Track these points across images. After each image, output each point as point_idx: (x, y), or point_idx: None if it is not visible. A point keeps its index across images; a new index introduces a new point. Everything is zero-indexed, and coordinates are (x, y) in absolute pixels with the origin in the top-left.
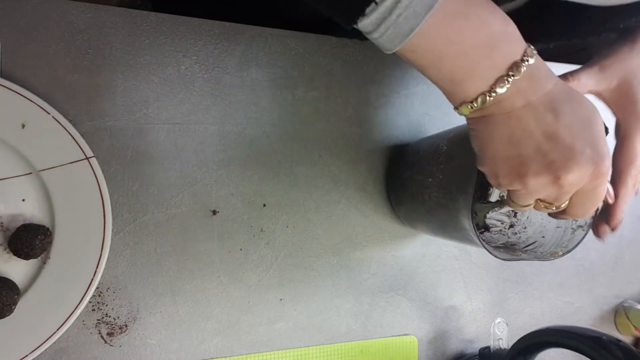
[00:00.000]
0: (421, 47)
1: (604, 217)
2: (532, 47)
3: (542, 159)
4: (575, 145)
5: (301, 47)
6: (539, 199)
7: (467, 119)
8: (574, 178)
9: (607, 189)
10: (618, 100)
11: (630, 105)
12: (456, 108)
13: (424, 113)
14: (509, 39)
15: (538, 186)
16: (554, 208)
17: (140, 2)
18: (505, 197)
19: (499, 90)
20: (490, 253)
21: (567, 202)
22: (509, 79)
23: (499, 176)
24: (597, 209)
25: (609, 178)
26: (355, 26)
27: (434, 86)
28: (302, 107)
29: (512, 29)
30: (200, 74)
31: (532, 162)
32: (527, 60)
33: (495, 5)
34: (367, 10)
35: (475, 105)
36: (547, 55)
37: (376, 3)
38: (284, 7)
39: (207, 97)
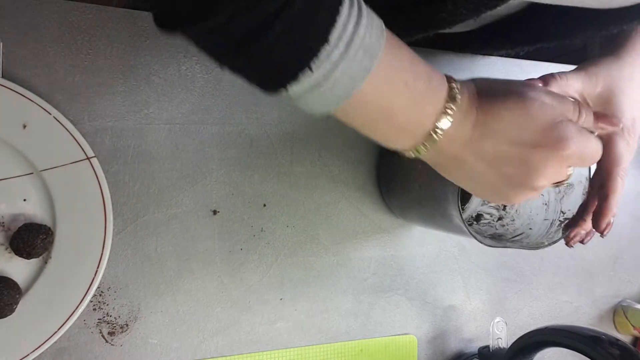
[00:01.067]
0: (353, 112)
1: (595, 219)
2: (455, 85)
3: (509, 183)
4: (524, 154)
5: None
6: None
7: (430, 161)
8: (548, 176)
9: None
10: (601, 106)
11: (612, 112)
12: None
13: None
14: (432, 94)
15: (522, 199)
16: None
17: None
18: None
19: (431, 144)
20: (475, 238)
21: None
22: (438, 132)
23: (488, 200)
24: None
25: (592, 132)
26: (284, 92)
27: None
28: None
29: (435, 83)
30: (200, 74)
31: (503, 189)
32: (451, 109)
33: (419, 60)
34: (301, 76)
35: (416, 154)
36: (547, 55)
37: (311, 70)
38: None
39: (207, 97)
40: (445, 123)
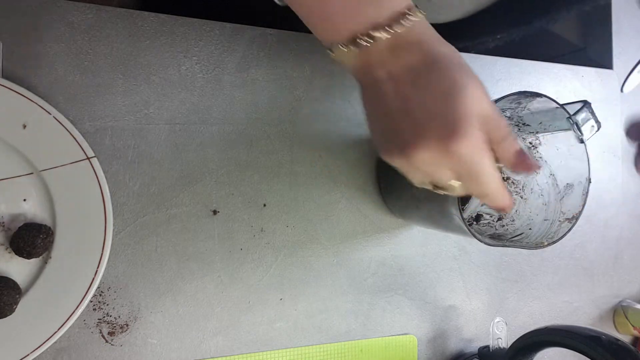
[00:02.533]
0: None
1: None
2: (415, 13)
3: (397, 135)
4: (423, 121)
5: (301, 47)
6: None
7: (356, 77)
8: (423, 155)
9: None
10: None
11: None
12: (331, 51)
13: None
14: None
15: (397, 164)
16: (442, 189)
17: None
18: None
19: (376, 34)
20: (475, 236)
21: (456, 183)
22: (389, 28)
23: (380, 151)
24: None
25: (482, 156)
26: None
27: None
28: (302, 107)
29: None
30: (200, 74)
31: (393, 138)
32: (410, 17)
33: None
34: None
35: (338, 56)
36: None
37: None
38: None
39: (207, 97)
40: (401, 24)
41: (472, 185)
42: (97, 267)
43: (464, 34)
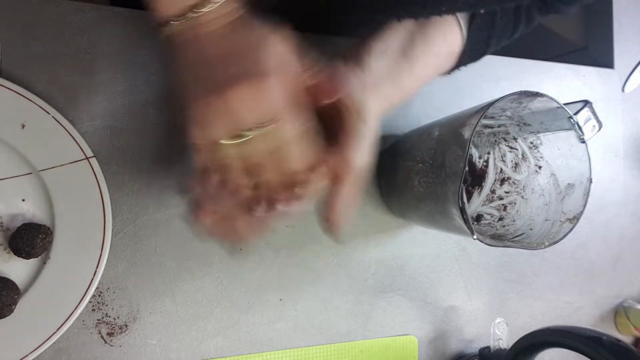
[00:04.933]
0: None
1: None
2: None
3: (214, 82)
4: (238, 66)
5: (300, 47)
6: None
7: (177, 46)
8: (239, 93)
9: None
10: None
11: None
12: (160, 27)
13: (424, 113)
14: None
15: (211, 109)
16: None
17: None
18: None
19: (203, 9)
20: (474, 234)
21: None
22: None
23: (193, 103)
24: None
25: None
26: None
27: (434, 87)
28: None
29: None
30: None
31: (210, 86)
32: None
33: None
34: None
35: (184, 20)
36: (549, 54)
37: None
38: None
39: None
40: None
41: (273, 124)
42: (96, 268)
43: None
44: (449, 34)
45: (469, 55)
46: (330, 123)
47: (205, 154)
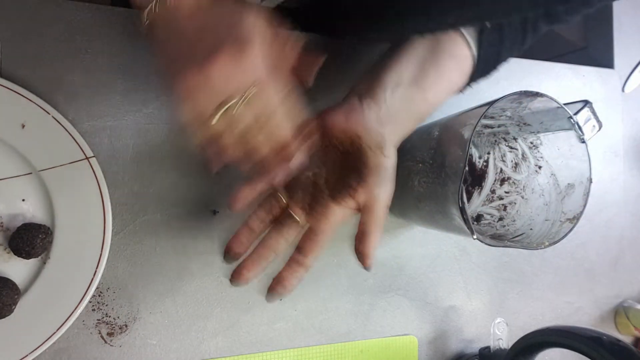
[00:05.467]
0: None
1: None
2: None
3: (194, 57)
4: (217, 41)
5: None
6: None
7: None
8: (219, 66)
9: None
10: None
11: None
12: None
13: None
14: None
15: (193, 83)
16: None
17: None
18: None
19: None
20: (474, 234)
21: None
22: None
23: (174, 78)
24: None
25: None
26: None
27: None
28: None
29: None
30: None
31: (190, 60)
32: None
33: None
34: None
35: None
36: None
37: None
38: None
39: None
40: None
41: (256, 91)
42: (96, 268)
43: None
44: (459, 56)
45: (481, 72)
46: (350, 158)
47: (198, 129)
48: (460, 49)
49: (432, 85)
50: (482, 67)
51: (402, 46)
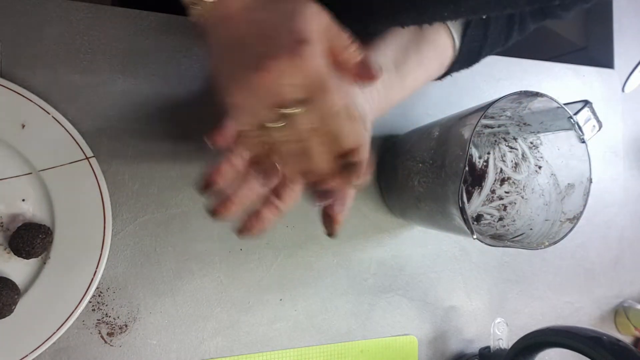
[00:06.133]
0: None
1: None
2: None
3: (251, 59)
4: (272, 39)
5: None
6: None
7: (208, 26)
8: (275, 67)
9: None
10: None
11: None
12: (188, 9)
13: (424, 113)
14: None
15: (250, 87)
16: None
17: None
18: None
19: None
20: (474, 234)
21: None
22: None
23: (226, 89)
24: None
25: (324, 65)
26: None
27: (434, 86)
28: None
29: None
30: (200, 73)
31: (246, 63)
32: None
33: None
34: None
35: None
36: (549, 54)
37: None
38: None
39: (207, 96)
40: None
41: (319, 95)
42: (96, 268)
43: None
44: (440, 47)
45: (460, 64)
46: None
47: (250, 141)
48: (443, 40)
49: (411, 72)
50: (462, 60)
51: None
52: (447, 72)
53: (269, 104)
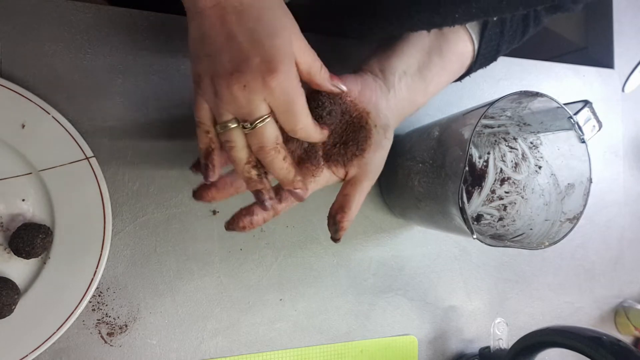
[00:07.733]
0: None
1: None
2: None
3: (222, 64)
4: (246, 55)
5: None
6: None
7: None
8: (245, 81)
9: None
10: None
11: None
12: None
13: (424, 113)
14: None
15: (218, 90)
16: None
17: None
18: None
19: None
20: (474, 234)
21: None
22: None
23: (198, 82)
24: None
25: (296, 92)
26: None
27: None
28: None
29: None
30: None
31: (218, 66)
32: None
33: None
34: None
35: None
36: (549, 54)
37: None
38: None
39: None
40: None
41: (286, 117)
42: (96, 268)
43: None
44: (461, 49)
45: (479, 64)
46: (352, 129)
47: (207, 133)
48: (463, 43)
49: (434, 77)
50: (481, 60)
51: (410, 33)
52: (466, 73)
53: (228, 109)
